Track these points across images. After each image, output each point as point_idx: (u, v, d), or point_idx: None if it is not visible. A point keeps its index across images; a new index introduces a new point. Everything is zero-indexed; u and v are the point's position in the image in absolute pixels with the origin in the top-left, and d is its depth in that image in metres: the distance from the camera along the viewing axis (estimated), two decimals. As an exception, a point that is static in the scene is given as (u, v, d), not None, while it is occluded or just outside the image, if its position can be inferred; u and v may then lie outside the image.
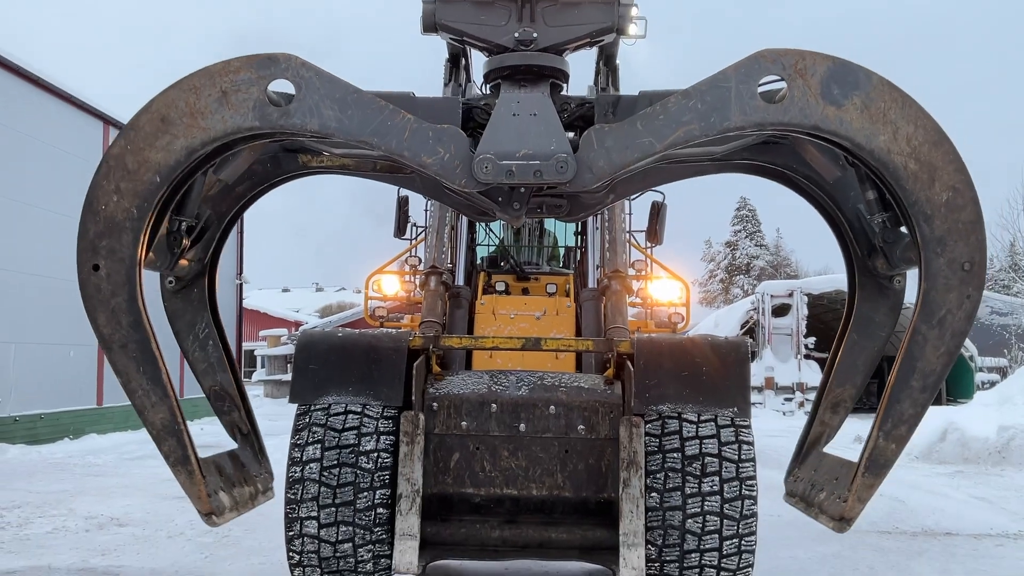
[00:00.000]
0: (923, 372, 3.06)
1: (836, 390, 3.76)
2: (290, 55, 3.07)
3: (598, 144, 3.06)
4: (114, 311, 3.10)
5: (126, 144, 3.04)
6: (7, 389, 16.09)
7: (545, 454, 5.18)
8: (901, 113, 2.95)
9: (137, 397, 3.15)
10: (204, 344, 3.85)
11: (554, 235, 9.97)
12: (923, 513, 9.15)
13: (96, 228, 3.06)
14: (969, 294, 3.01)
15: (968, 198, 2.98)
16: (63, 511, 8.67)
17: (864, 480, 3.14)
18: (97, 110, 19.36)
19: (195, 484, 3.20)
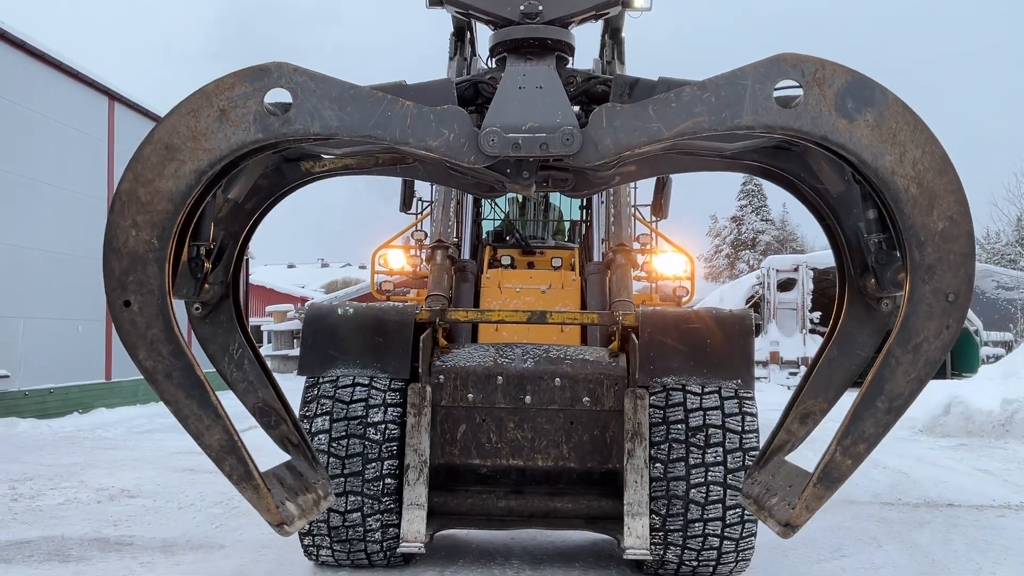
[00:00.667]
0: (891, 395, 3.08)
1: (808, 402, 3.78)
2: (280, 63, 3.08)
3: (607, 123, 3.08)
4: (153, 343, 3.11)
5: (135, 177, 3.06)
6: (16, 364, 16.22)
7: (550, 426, 5.25)
8: (911, 136, 2.95)
9: (190, 423, 3.18)
10: (240, 364, 3.87)
11: (559, 209, 9.99)
12: (926, 485, 9.22)
13: (120, 265, 3.07)
14: (949, 325, 3.02)
15: (963, 230, 2.97)
16: (74, 483, 8.78)
17: (815, 491, 3.18)
18: (103, 86, 19.36)
19: (262, 498, 3.25)
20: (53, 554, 5.91)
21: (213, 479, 8.70)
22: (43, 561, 5.73)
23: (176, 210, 3.05)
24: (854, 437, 3.10)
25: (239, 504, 7.58)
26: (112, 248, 3.07)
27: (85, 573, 5.42)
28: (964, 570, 5.74)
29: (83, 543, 6.24)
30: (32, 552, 5.97)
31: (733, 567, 5.27)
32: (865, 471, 9.67)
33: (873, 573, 5.63)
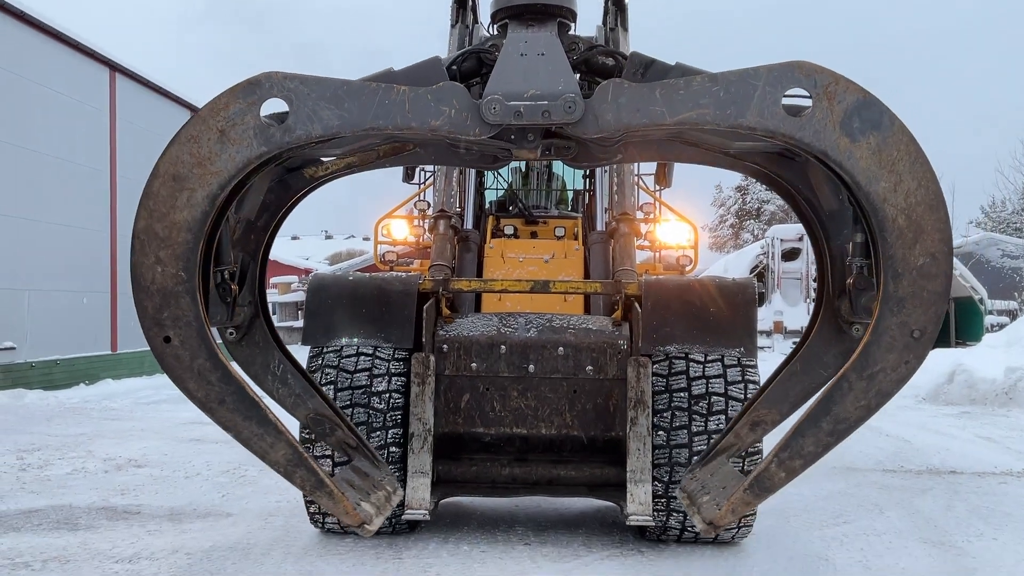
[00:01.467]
0: (836, 418, 3.09)
1: (761, 410, 3.79)
2: (269, 73, 3.06)
3: (612, 98, 3.06)
4: (200, 373, 3.12)
5: (149, 214, 3.04)
6: (22, 335, 16.29)
7: (554, 394, 5.27)
8: (909, 167, 2.92)
9: (253, 444, 3.20)
10: (284, 379, 3.88)
11: (562, 178, 9.95)
12: (929, 453, 9.26)
13: (153, 303, 3.07)
14: (908, 360, 3.02)
15: (942, 270, 2.96)
16: (82, 453, 8.85)
17: (744, 496, 3.20)
18: (104, 56, 19.25)
19: (339, 502, 3.28)
20: (61, 523, 5.98)
21: (219, 449, 8.77)
22: (52, 529, 5.79)
23: (196, 239, 3.05)
24: (792, 452, 3.12)
25: (245, 473, 7.65)
26: (141, 288, 3.07)
27: (93, 541, 5.48)
28: (966, 535, 5.78)
29: (91, 512, 6.30)
30: (41, 521, 6.03)
31: (735, 533, 5.31)
32: (868, 439, 9.74)
33: (875, 539, 5.67)
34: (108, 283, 19.27)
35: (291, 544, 5.41)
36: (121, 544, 5.41)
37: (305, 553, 5.21)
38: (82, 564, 4.99)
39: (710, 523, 3.32)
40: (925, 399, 14.39)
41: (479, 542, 5.44)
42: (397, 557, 5.12)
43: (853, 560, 5.19)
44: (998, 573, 4.96)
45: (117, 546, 5.36)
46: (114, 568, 4.91)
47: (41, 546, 5.36)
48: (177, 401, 13.92)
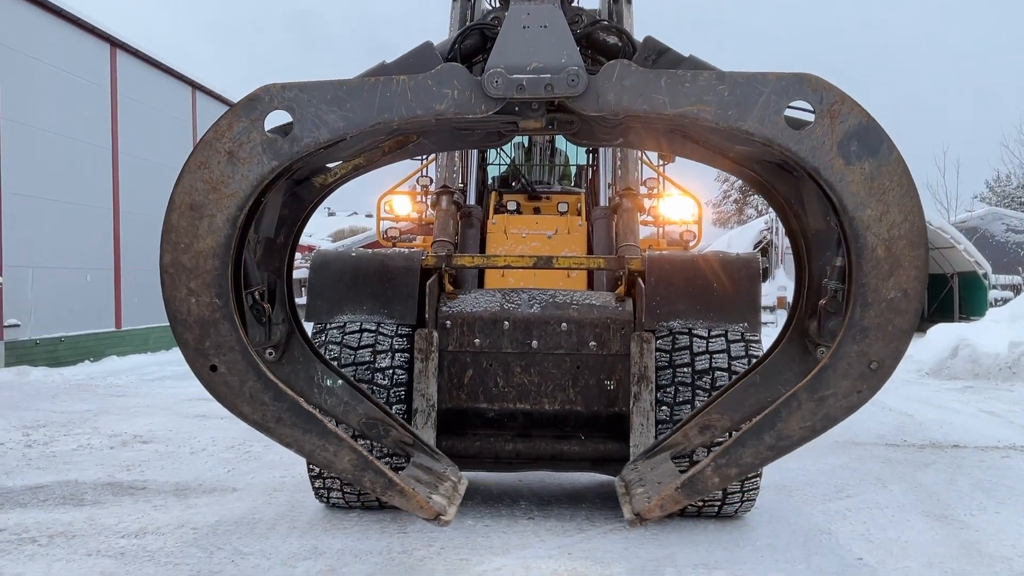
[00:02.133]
0: (780, 434, 3.09)
1: (714, 415, 3.79)
2: (267, 86, 3.05)
3: (617, 79, 3.04)
4: (252, 396, 3.13)
5: (173, 248, 3.04)
6: (27, 312, 16.32)
7: (557, 370, 5.27)
8: (899, 198, 2.91)
9: (317, 456, 3.20)
10: (331, 390, 3.88)
11: (565, 154, 9.90)
12: (931, 427, 9.28)
13: (193, 334, 3.08)
14: (861, 390, 3.03)
15: (912, 307, 2.96)
16: (87, 429, 8.89)
17: (674, 495, 3.21)
18: (104, 32, 19.15)
19: (411, 498, 3.29)
20: (68, 498, 6.01)
21: (225, 424, 8.81)
22: (58, 505, 5.82)
23: (224, 264, 3.04)
24: (730, 459, 3.13)
25: (251, 448, 7.68)
26: (179, 321, 3.08)
27: (99, 516, 5.51)
28: (968, 509, 5.80)
29: (97, 487, 6.34)
30: (47, 496, 6.06)
31: (738, 507, 5.33)
32: (871, 414, 9.75)
33: (877, 512, 5.69)
34: (111, 260, 19.29)
35: (296, 519, 5.44)
36: (127, 519, 5.44)
37: (310, 527, 5.24)
38: (88, 539, 5.02)
39: (637, 515, 3.36)
40: (928, 374, 14.40)
41: (483, 516, 5.47)
42: (402, 531, 5.15)
43: (856, 534, 5.21)
44: (1000, 546, 4.98)
45: (123, 521, 5.40)
46: (120, 543, 4.94)
47: (47, 521, 5.40)
48: (182, 377, 13.98)
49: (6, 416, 9.71)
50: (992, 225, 37.74)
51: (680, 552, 4.81)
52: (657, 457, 3.93)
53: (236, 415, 3.18)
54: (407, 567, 4.53)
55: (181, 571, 4.46)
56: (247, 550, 4.80)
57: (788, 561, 4.69)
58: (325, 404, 3.87)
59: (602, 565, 4.58)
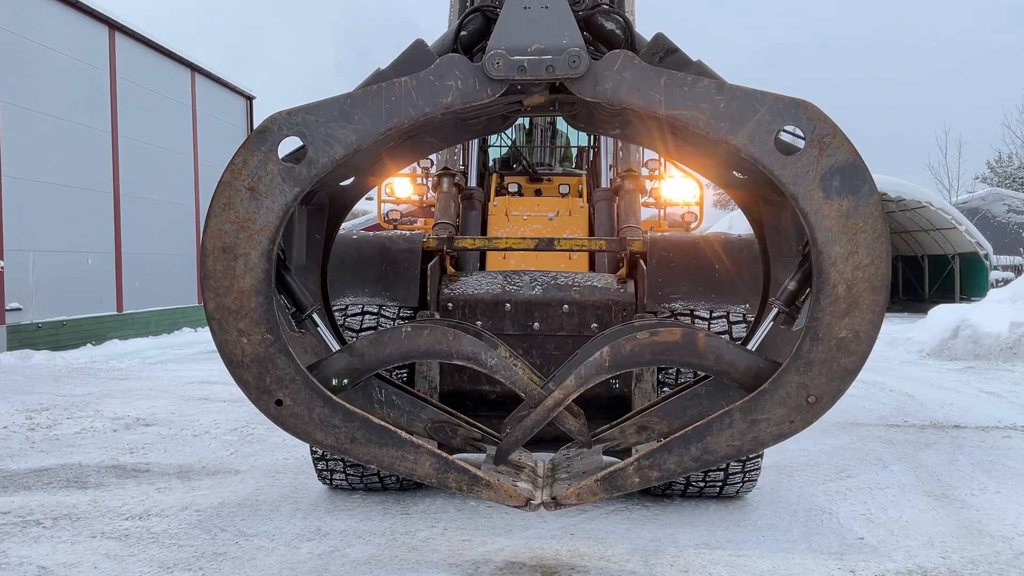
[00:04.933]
0: (706, 447, 3.12)
1: (653, 418, 3.81)
2: (274, 116, 3.06)
3: (618, 69, 3.05)
4: (323, 422, 3.15)
5: (215, 294, 3.06)
6: (28, 296, 16.32)
7: (559, 352, 5.28)
8: (869, 242, 2.93)
9: (399, 466, 3.23)
10: (390, 402, 3.89)
11: (566, 136, 9.88)
12: (932, 407, 9.30)
13: (251, 374, 3.10)
14: (794, 421, 3.05)
15: (860, 352, 2.98)
16: (90, 412, 8.92)
17: (593, 486, 3.25)
18: (103, 15, 19.06)
19: (499, 490, 3.31)
20: (71, 481, 6.04)
21: (227, 407, 8.84)
22: (62, 488, 5.85)
23: (268, 299, 3.06)
24: (654, 462, 3.16)
25: (253, 431, 7.71)
26: (235, 363, 3.09)
27: (103, 499, 5.54)
28: (969, 489, 5.82)
29: (100, 470, 6.36)
30: (51, 479, 6.09)
31: (740, 487, 5.35)
32: (871, 394, 9.78)
33: (878, 493, 5.71)
34: (112, 243, 19.27)
35: (299, 500, 5.46)
36: (131, 502, 5.47)
37: (313, 509, 5.27)
38: (93, 521, 5.05)
39: (553, 498, 3.40)
40: (929, 354, 14.42)
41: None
42: (405, 512, 5.17)
43: (856, 514, 5.23)
44: (1001, 526, 5.00)
45: (127, 503, 5.42)
46: (124, 525, 4.97)
47: (52, 504, 5.42)
48: (184, 360, 14.03)
49: (9, 400, 9.74)
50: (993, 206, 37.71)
51: (681, 532, 4.83)
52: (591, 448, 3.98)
53: (310, 443, 3.22)
54: (410, 548, 4.55)
55: (185, 553, 4.48)
56: (250, 532, 4.83)
57: (789, 541, 4.72)
58: (388, 418, 3.86)
59: (604, 545, 4.60)
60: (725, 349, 3.33)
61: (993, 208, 37.47)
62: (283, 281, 3.48)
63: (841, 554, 4.51)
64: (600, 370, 3.34)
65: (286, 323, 3.43)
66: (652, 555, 4.47)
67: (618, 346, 3.31)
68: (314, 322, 3.59)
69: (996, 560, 4.42)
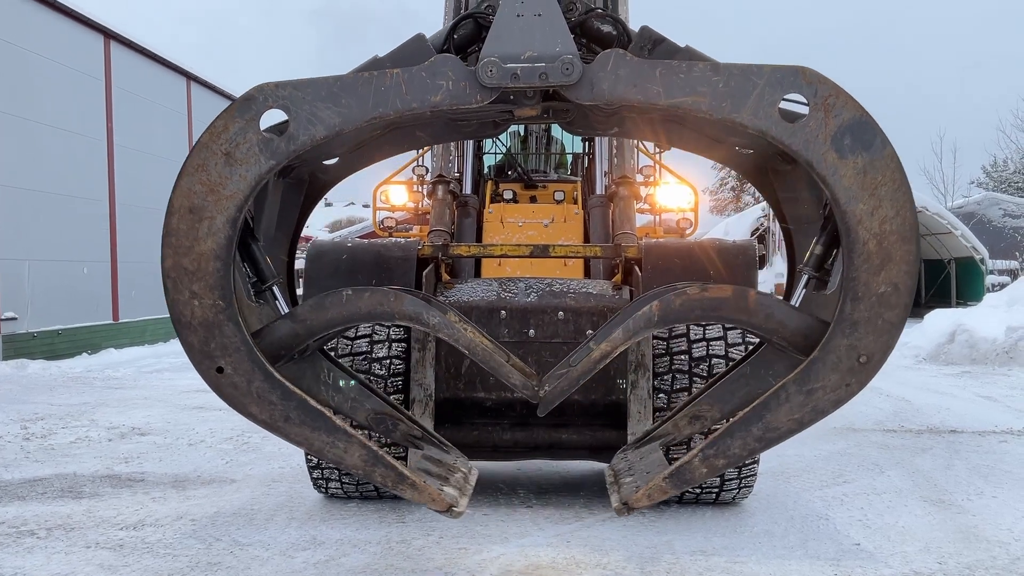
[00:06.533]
0: (768, 425, 3.09)
1: (703, 405, 3.79)
2: (261, 86, 3.03)
3: (612, 68, 3.03)
4: (260, 396, 3.13)
5: (174, 252, 3.03)
6: (24, 306, 16.29)
7: (555, 359, 5.25)
8: (891, 194, 2.91)
9: (327, 452, 3.20)
10: (336, 386, 3.88)
11: (561, 142, 9.89)
12: (929, 412, 9.29)
13: (198, 337, 3.07)
14: (849, 384, 3.02)
15: (902, 303, 2.96)
16: (85, 422, 8.89)
17: (662, 484, 3.21)
18: (98, 23, 19.08)
19: (423, 491, 3.28)
20: (66, 491, 6.01)
21: (222, 416, 8.81)
22: (56, 498, 5.83)
23: (226, 266, 3.04)
24: (718, 450, 3.13)
25: (248, 440, 7.69)
26: (183, 324, 3.06)
27: (98, 509, 5.51)
28: (966, 494, 5.81)
29: (95, 480, 6.34)
30: (45, 489, 6.07)
31: (736, 493, 5.34)
32: (868, 399, 9.78)
33: (875, 498, 5.70)
34: (108, 252, 19.25)
35: (295, 509, 5.44)
36: (126, 511, 5.45)
37: (309, 518, 5.25)
38: (87, 531, 5.02)
39: (624, 503, 3.35)
40: (926, 359, 14.43)
41: (481, 505, 5.48)
42: (400, 520, 5.16)
43: (853, 519, 5.22)
44: (998, 530, 4.99)
45: (122, 513, 5.40)
46: (119, 535, 4.95)
47: (46, 514, 5.40)
48: (179, 369, 13.98)
49: (4, 409, 9.71)
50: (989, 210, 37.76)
51: (678, 539, 4.82)
52: (647, 447, 3.95)
53: (245, 416, 3.19)
54: (405, 556, 4.54)
55: (180, 562, 4.47)
56: (245, 541, 4.81)
57: (786, 547, 4.71)
58: (333, 401, 3.86)
59: (600, 553, 4.59)
60: (776, 307, 3.27)
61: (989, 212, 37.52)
62: (248, 250, 3.44)
63: (837, 560, 4.50)
64: (649, 324, 3.29)
65: (245, 292, 3.41)
66: (648, 562, 4.46)
67: (668, 301, 3.25)
68: (273, 295, 3.56)
69: (992, 565, 4.42)
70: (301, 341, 3.41)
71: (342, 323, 3.41)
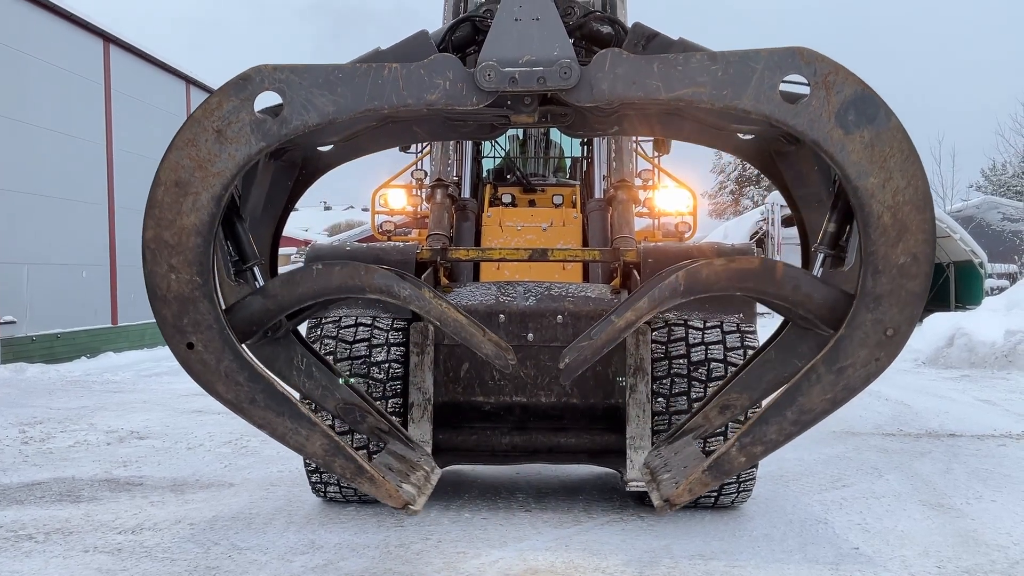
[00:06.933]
0: (801, 408, 3.09)
1: (732, 394, 3.79)
2: (259, 67, 3.03)
3: (609, 68, 3.04)
4: (228, 375, 3.13)
5: (156, 223, 3.04)
6: (23, 309, 16.28)
7: (553, 362, 5.27)
8: (900, 164, 2.91)
9: (289, 439, 3.21)
10: (309, 373, 3.88)
11: (560, 146, 9.90)
12: (928, 416, 9.29)
13: (171, 311, 3.08)
14: (879, 358, 3.02)
15: (923, 271, 2.96)
16: (84, 426, 8.88)
17: (702, 477, 3.20)
18: (98, 27, 19.07)
19: (380, 486, 3.29)
20: (64, 495, 6.01)
21: (221, 420, 8.81)
22: (55, 502, 5.82)
23: (207, 242, 3.04)
24: (755, 438, 3.12)
25: (247, 444, 7.68)
26: (157, 297, 3.07)
27: (96, 513, 5.51)
28: (965, 497, 5.81)
29: (94, 484, 6.33)
30: (44, 493, 6.06)
31: (735, 497, 5.34)
32: (867, 403, 9.77)
33: (874, 502, 5.70)
34: (107, 256, 19.23)
35: (293, 513, 5.44)
36: (124, 515, 5.44)
37: (307, 522, 5.24)
38: (85, 535, 5.02)
39: (666, 500, 3.34)
40: (925, 363, 14.43)
41: (480, 509, 5.48)
42: (399, 525, 5.15)
43: (852, 523, 5.22)
44: (996, 535, 4.99)
45: (120, 517, 5.40)
46: (117, 539, 4.94)
47: (44, 518, 5.39)
48: (178, 373, 13.92)
49: (2, 413, 9.70)
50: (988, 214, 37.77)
51: (676, 543, 4.82)
52: (680, 441, 3.92)
53: (211, 394, 3.18)
54: (404, 560, 4.53)
55: (178, 567, 4.46)
56: (244, 545, 4.80)
57: (785, 551, 4.70)
58: (303, 387, 3.88)
59: (599, 557, 4.59)
60: (803, 279, 3.25)
61: (988, 216, 37.52)
62: (232, 228, 3.44)
63: (836, 564, 4.49)
64: (675, 294, 3.28)
65: (225, 270, 3.40)
66: (647, 566, 4.46)
67: (694, 271, 3.24)
68: (254, 275, 3.55)
69: (992, 569, 4.41)
70: (272, 316, 3.41)
71: (313, 297, 3.41)
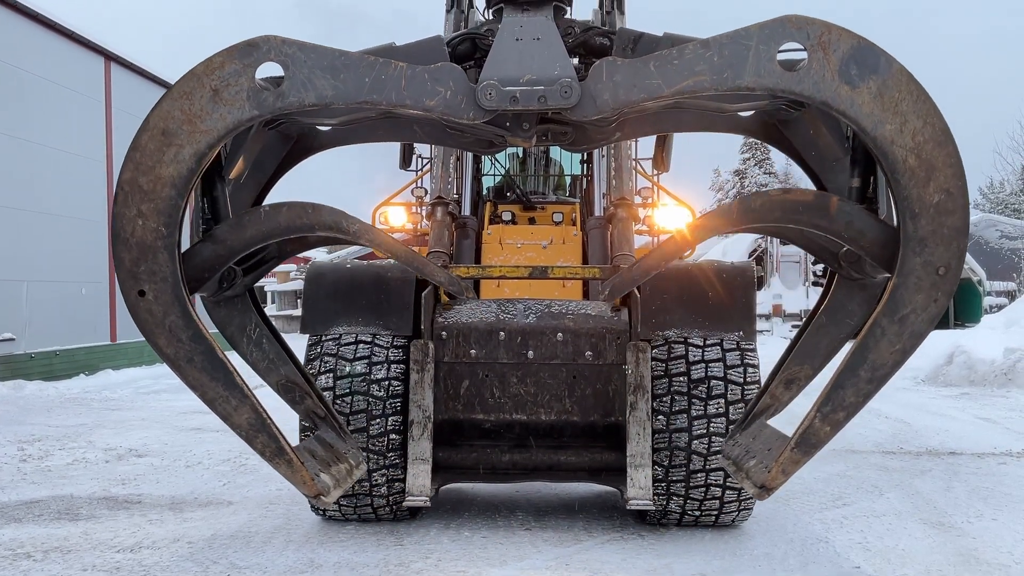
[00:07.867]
0: (873, 365, 3.07)
1: (793, 367, 3.78)
2: (268, 36, 3.03)
3: (607, 77, 3.05)
4: (172, 330, 3.13)
5: (135, 167, 3.04)
6: (21, 326, 16.27)
7: (553, 380, 5.27)
8: (913, 106, 2.91)
9: (217, 405, 3.20)
10: (259, 343, 3.87)
11: (560, 164, 9.93)
12: (928, 434, 9.28)
13: (131, 255, 3.08)
14: (937, 298, 3.01)
15: (959, 204, 2.95)
16: (82, 443, 8.85)
17: (792, 455, 3.17)
18: (99, 46, 19.18)
19: (297, 471, 3.27)
20: (63, 513, 5.98)
21: (220, 438, 8.78)
22: (53, 520, 5.80)
23: (180, 195, 3.04)
24: (834, 404, 3.10)
25: (246, 462, 7.66)
26: (120, 239, 3.06)
27: (95, 531, 5.48)
28: (965, 516, 5.79)
29: (92, 502, 6.31)
30: (42, 511, 6.04)
31: (735, 516, 5.32)
32: (867, 421, 9.76)
33: (874, 520, 5.68)
34: (106, 273, 19.25)
35: (292, 532, 5.42)
36: (123, 534, 5.42)
37: (306, 540, 5.22)
38: (84, 554, 5.00)
39: (762, 486, 3.27)
40: (924, 381, 14.41)
41: (480, 527, 5.46)
42: (399, 543, 5.13)
43: (853, 542, 5.20)
44: (998, 553, 4.98)
45: (119, 535, 5.37)
46: (116, 558, 4.92)
47: (42, 536, 5.37)
48: (177, 391, 13.92)
49: (0, 431, 9.67)
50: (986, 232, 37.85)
51: (677, 561, 4.80)
52: (753, 426, 3.88)
53: (151, 345, 3.17)
54: (404, 579, 4.51)
55: (177, 585, 4.44)
56: (243, 564, 4.78)
57: (785, 570, 4.68)
58: (250, 356, 3.87)
59: (599, 576, 4.57)
60: (857, 215, 3.23)
61: (986, 234, 37.61)
62: (212, 187, 3.44)
63: (838, 583, 4.47)
64: (728, 220, 3.27)
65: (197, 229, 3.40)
66: (648, 585, 4.44)
67: (748, 200, 3.24)
68: None
69: (993, 588, 4.40)
70: (224, 262, 3.40)
71: (262, 240, 3.41)
